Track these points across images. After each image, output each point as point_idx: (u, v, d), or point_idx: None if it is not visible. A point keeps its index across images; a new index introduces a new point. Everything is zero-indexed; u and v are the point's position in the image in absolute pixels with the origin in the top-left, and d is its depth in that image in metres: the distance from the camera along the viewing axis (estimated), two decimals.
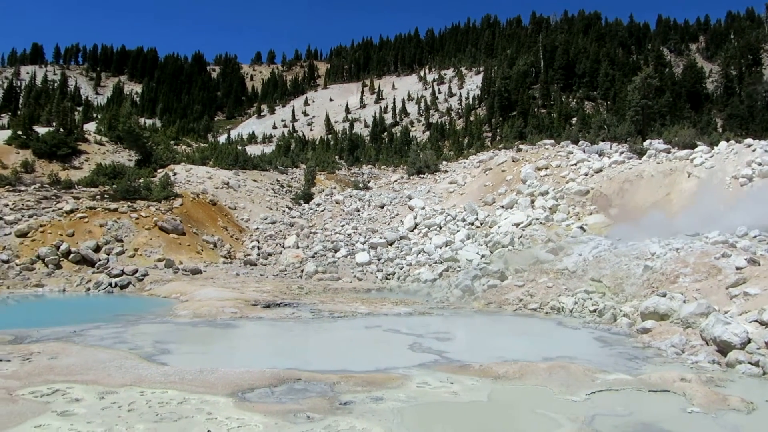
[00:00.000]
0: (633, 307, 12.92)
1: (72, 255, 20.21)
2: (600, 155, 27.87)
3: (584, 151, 28.75)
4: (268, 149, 54.09)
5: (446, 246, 22.56)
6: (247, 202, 30.33)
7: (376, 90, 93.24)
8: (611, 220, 21.67)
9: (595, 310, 13.51)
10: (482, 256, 20.47)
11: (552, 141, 33.05)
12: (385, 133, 70.81)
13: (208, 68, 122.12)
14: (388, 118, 79.96)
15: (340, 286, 19.69)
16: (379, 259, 22.89)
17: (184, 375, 7.73)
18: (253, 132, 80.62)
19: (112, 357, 8.74)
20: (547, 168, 27.49)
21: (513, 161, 29.45)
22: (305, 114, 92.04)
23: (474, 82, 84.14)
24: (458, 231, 23.71)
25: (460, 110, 76.85)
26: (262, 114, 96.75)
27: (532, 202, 24.76)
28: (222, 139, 70.38)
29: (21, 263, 19.33)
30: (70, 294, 17.92)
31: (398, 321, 13.38)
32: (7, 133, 36.26)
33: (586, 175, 25.60)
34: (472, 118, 68.61)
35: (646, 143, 27.71)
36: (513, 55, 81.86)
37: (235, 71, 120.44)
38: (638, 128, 31.94)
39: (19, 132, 34.84)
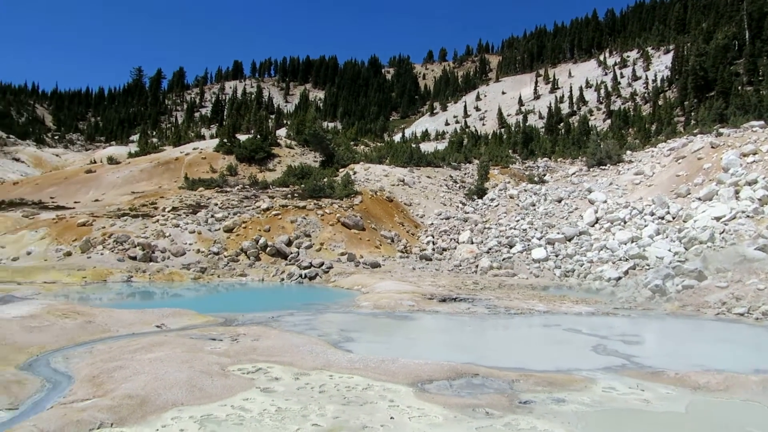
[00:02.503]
0: None
1: (268, 248, 22.43)
2: None
3: None
4: (441, 146, 54.79)
5: (632, 242, 20.92)
6: (422, 198, 31.05)
7: (551, 79, 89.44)
8: None
9: None
10: (675, 254, 18.62)
11: (761, 122, 28.88)
12: (562, 124, 67.61)
13: (383, 71, 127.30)
14: (565, 108, 76.26)
15: (515, 282, 19.29)
16: (556, 256, 21.98)
17: (367, 362, 8.15)
18: (426, 129, 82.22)
19: (304, 342, 9.53)
20: (755, 153, 24.06)
21: (712, 147, 26.29)
22: (477, 109, 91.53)
23: (662, 63, 76.70)
24: (646, 226, 21.84)
25: (646, 94, 70.61)
26: (434, 111, 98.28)
27: (737, 192, 21.86)
28: (397, 137, 72.85)
29: (228, 255, 21.95)
30: (267, 283, 19.94)
31: (579, 320, 12.73)
32: (215, 142, 41.46)
33: None
34: (660, 102, 62.64)
35: None
36: (710, 28, 72.92)
37: (408, 71, 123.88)
38: None
39: (225, 140, 39.63)
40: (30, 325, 10.08)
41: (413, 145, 45.42)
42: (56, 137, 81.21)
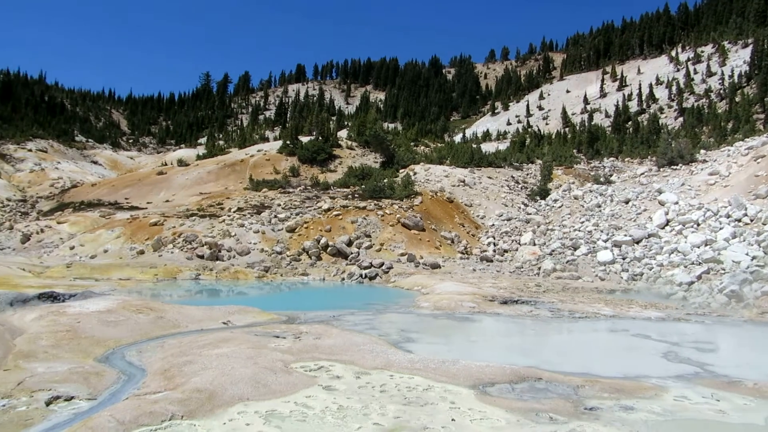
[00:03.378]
0: None
1: (329, 248, 22.76)
2: None
3: None
4: (503, 146, 53.95)
5: (706, 245, 19.91)
6: (483, 198, 30.70)
7: (619, 76, 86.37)
8: None
9: None
10: (753, 258, 17.60)
11: None
12: (630, 123, 65.17)
13: (443, 71, 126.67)
14: (633, 106, 73.47)
15: (580, 285, 18.75)
16: (623, 258, 21.22)
17: (428, 363, 8.13)
18: (488, 129, 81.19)
19: (365, 341, 9.61)
20: None
21: None
22: (540, 108, 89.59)
23: (740, 57, 72.60)
24: (721, 228, 20.74)
25: (721, 91, 67.05)
26: (496, 111, 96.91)
27: None
28: (457, 138, 72.27)
29: (290, 254, 22.43)
30: (328, 283, 20.23)
31: (648, 326, 12.23)
32: (279, 144, 42.43)
33: None
34: (737, 99, 59.32)
35: None
36: None
37: (469, 71, 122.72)
38: None
39: (288, 142, 40.50)
40: (107, 319, 10.64)
41: (474, 146, 44.97)
42: (130, 141, 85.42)
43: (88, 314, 10.89)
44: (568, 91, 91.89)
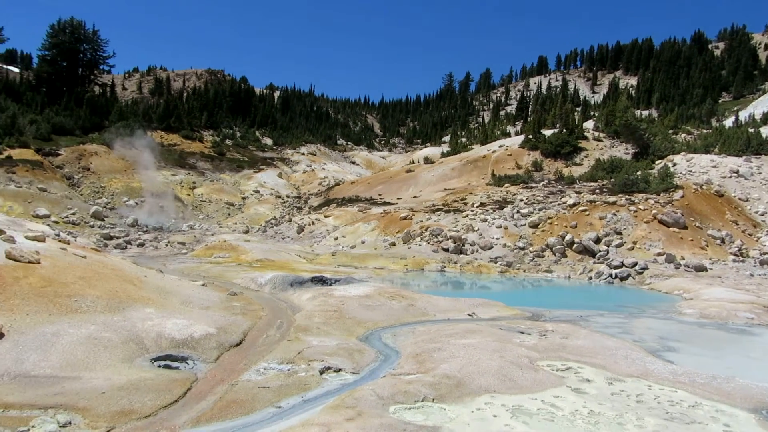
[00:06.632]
0: None
1: (575, 245, 21.74)
2: None
3: None
4: None
5: None
6: (763, 192, 26.20)
7: None
8: None
9: None
10: None
11: None
12: None
13: (709, 46, 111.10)
14: None
15: None
16: None
17: (694, 378, 7.23)
18: None
19: (617, 346, 8.95)
20: None
21: None
22: None
23: None
24: None
25: None
26: None
27: None
28: (728, 122, 62.71)
29: (533, 251, 22.00)
30: (573, 281, 19.35)
31: None
32: (520, 138, 41.95)
33: None
34: None
35: None
36: None
37: (744, 44, 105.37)
38: None
39: (530, 136, 39.83)
40: (365, 303, 11.75)
41: (751, 130, 38.57)
42: (382, 141, 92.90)
43: (350, 298, 12.16)
44: None
